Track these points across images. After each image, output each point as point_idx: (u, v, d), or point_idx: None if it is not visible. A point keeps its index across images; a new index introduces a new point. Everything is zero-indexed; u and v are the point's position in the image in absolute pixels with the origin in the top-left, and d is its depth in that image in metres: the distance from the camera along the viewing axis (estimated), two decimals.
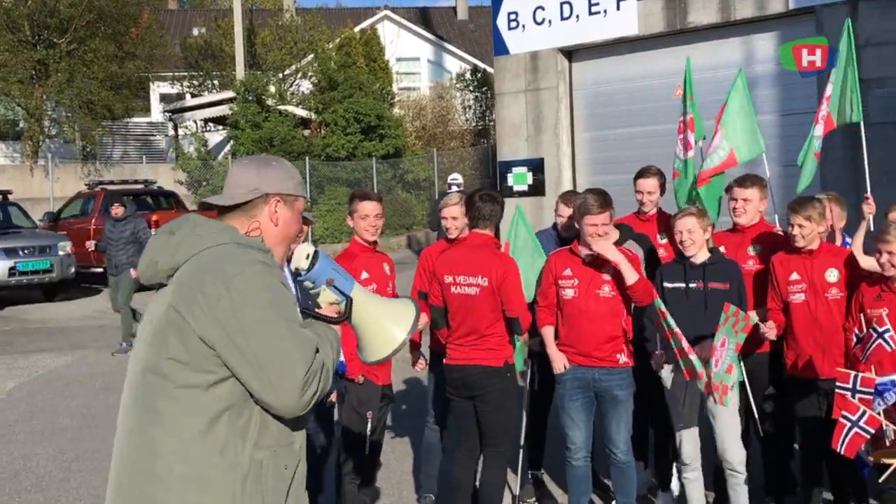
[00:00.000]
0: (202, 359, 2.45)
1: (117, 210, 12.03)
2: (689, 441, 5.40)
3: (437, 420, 6.05)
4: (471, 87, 28.65)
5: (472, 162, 25.64)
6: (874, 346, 4.77)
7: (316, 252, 2.72)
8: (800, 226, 5.27)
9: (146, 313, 2.65)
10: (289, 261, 2.88)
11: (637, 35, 11.87)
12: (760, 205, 5.76)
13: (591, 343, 5.33)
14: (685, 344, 5.00)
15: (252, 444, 2.47)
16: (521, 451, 6.16)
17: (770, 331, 5.27)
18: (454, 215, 5.84)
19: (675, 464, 5.96)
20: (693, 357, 4.97)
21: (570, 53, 12.77)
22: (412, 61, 34.32)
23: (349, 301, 2.72)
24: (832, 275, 5.27)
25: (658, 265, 5.72)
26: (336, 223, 23.45)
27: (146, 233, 11.82)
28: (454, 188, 14.93)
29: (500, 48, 13.15)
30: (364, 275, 5.26)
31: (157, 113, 33.90)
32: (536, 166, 12.83)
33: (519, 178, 12.91)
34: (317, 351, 2.52)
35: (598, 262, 5.35)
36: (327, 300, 2.73)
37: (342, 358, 5.27)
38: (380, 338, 2.77)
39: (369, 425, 5.32)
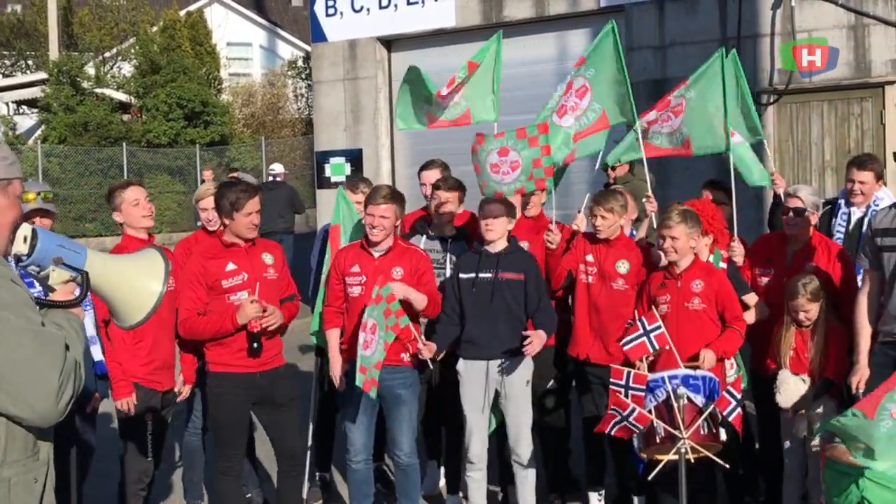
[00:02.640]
0: None
1: None
2: (477, 441, 5.30)
3: (204, 425, 5.68)
4: (303, 75, 28.06)
5: (302, 151, 25.09)
6: (637, 342, 4.78)
7: (34, 232, 2.44)
8: (602, 217, 5.34)
9: None
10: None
11: (454, 27, 11.80)
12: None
13: None
14: None
15: None
16: (308, 451, 5.92)
17: None
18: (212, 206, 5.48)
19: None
20: None
21: (390, 43, 12.57)
22: (244, 46, 33.34)
23: (84, 276, 2.47)
24: (623, 266, 5.33)
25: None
26: (157, 213, 22.44)
27: None
28: (271, 178, 14.53)
29: (318, 35, 12.80)
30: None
31: None
32: (355, 157, 12.58)
33: (337, 169, 12.61)
34: (67, 348, 2.28)
35: (390, 260, 5.16)
36: (60, 280, 2.48)
37: (102, 357, 4.90)
38: (135, 298, 2.55)
39: (149, 429, 4.99)
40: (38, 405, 2.19)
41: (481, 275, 5.17)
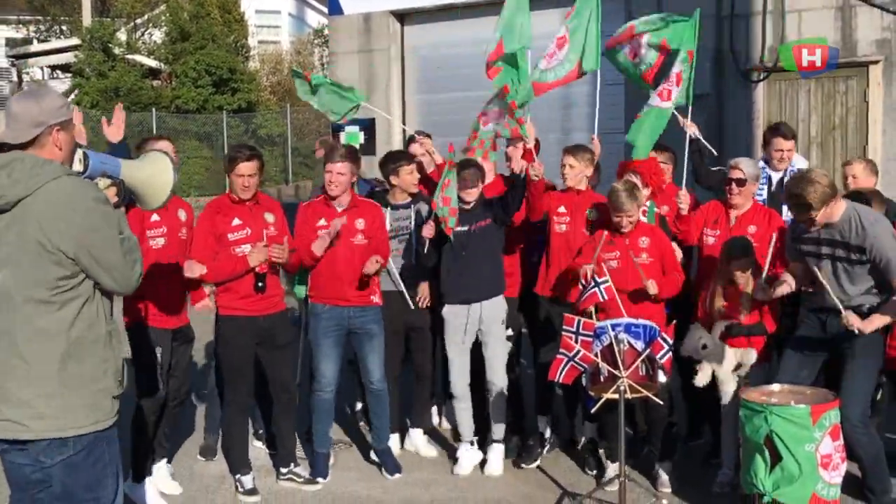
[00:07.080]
0: (64, 268, 3.25)
1: None
2: (459, 378, 5.96)
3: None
4: (329, 44, 28.58)
5: (327, 120, 25.65)
6: (590, 292, 5.39)
7: (85, 154, 3.43)
8: (570, 166, 5.94)
9: None
10: None
11: (465, 1, 12.29)
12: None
13: (348, 286, 5.77)
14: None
15: (104, 320, 3.41)
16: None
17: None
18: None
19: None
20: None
21: (403, 16, 13.11)
22: (273, 14, 33.93)
23: (121, 182, 3.52)
24: (591, 214, 5.91)
25: None
26: (185, 177, 23.22)
27: None
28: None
29: (335, 7, 13.38)
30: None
31: (1, 58, 32.45)
32: (367, 126, 13.17)
33: (351, 138, 13.20)
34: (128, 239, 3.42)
35: (352, 213, 5.79)
36: (104, 186, 3.47)
37: None
38: (159, 188, 3.57)
39: (159, 360, 5.40)
40: (129, 283, 3.43)
41: (458, 229, 5.82)
